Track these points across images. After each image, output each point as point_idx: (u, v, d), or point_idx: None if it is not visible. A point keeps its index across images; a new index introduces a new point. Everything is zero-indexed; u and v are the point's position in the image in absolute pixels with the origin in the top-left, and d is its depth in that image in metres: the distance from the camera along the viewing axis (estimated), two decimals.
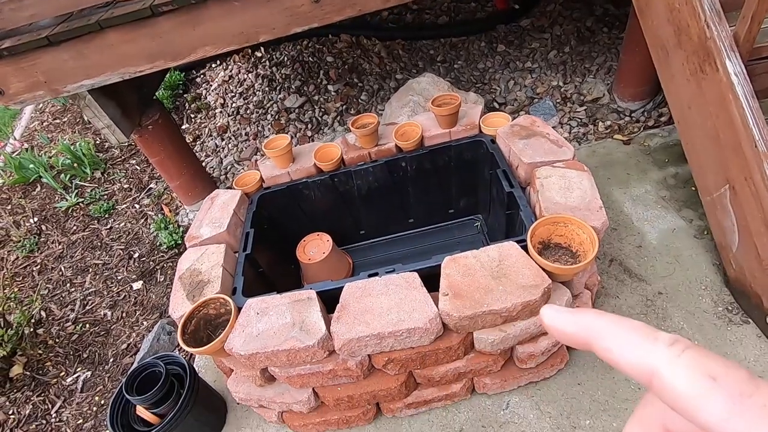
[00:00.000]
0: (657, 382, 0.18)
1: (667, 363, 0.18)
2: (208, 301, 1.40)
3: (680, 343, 0.19)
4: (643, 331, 0.20)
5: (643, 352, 0.19)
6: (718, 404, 0.17)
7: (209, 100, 3.55)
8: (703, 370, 0.18)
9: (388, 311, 1.24)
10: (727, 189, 1.46)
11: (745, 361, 1.39)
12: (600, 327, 0.21)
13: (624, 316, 0.20)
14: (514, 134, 1.66)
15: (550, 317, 0.23)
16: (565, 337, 0.23)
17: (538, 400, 1.42)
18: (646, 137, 2.22)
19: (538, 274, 1.21)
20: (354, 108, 3.03)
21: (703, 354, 0.18)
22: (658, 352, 0.19)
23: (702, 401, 0.17)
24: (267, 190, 1.86)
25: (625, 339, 0.20)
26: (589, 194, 1.39)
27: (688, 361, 0.18)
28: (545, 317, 0.23)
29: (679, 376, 0.18)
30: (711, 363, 0.18)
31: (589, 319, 0.21)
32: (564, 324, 0.22)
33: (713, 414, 0.17)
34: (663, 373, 0.18)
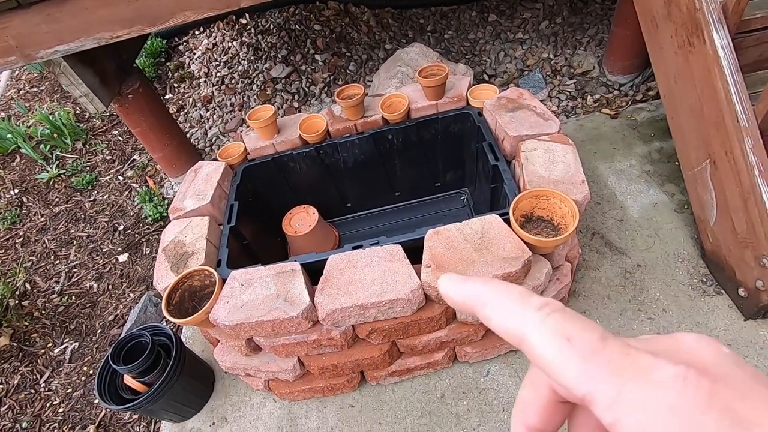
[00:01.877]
0: (525, 346, 0.19)
1: (533, 327, 0.19)
2: (192, 273, 1.40)
3: (548, 306, 0.19)
4: (517, 297, 0.20)
5: (515, 318, 0.19)
6: (572, 364, 0.17)
7: (193, 69, 3.45)
8: (562, 331, 0.18)
9: (371, 282, 1.25)
10: (708, 163, 1.48)
11: (716, 330, 1.44)
12: (482, 295, 0.21)
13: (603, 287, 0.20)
14: (501, 107, 1.64)
15: (444, 287, 0.23)
16: (455, 305, 0.23)
17: (517, 368, 1.47)
18: (634, 111, 2.22)
19: (519, 247, 1.23)
20: (342, 79, 2.97)
21: (565, 316, 0.19)
22: (527, 316, 0.19)
23: (558, 362, 0.18)
24: (252, 162, 1.83)
25: (501, 306, 0.20)
26: (573, 168, 1.40)
27: (551, 324, 0.19)
28: (440, 286, 0.23)
29: (541, 339, 0.18)
30: (569, 324, 0.18)
31: (474, 288, 0.22)
32: (454, 293, 0.23)
33: (568, 373, 0.17)
34: (528, 337, 0.19)
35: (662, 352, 0.17)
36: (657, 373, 0.16)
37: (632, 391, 0.16)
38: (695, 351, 0.18)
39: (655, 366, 0.16)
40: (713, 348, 0.18)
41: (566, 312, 0.19)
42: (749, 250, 1.37)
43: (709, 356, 0.17)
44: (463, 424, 1.38)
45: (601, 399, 0.17)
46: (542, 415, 0.22)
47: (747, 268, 1.39)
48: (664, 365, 0.16)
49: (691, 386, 0.16)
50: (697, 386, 0.16)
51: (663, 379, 0.16)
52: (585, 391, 0.17)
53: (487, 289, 0.21)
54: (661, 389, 0.16)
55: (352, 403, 1.50)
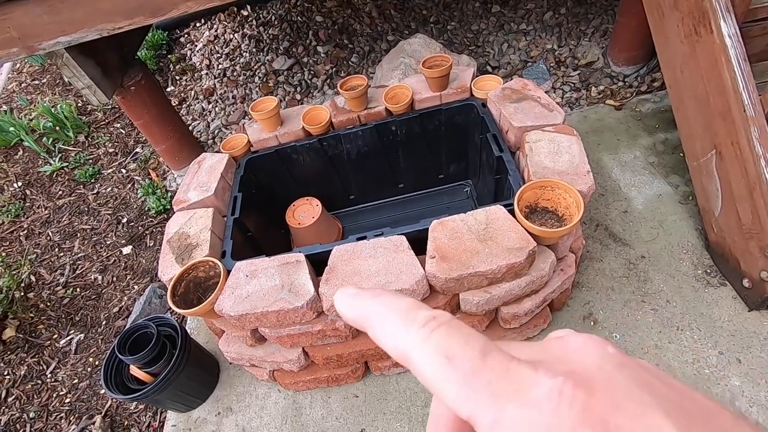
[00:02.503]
0: (410, 365, 0.18)
1: (416, 346, 0.18)
2: (197, 264, 1.40)
3: (434, 321, 0.18)
4: (403, 312, 0.19)
5: (400, 336, 0.18)
6: (452, 385, 0.17)
7: (194, 61, 3.44)
8: (443, 349, 0.17)
9: (375, 273, 1.25)
10: (713, 154, 1.47)
11: (719, 320, 1.44)
12: (371, 312, 0.20)
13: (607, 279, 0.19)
14: (505, 98, 1.63)
15: (338, 303, 0.22)
16: (349, 321, 0.22)
17: None
18: (638, 103, 2.21)
19: (524, 237, 1.23)
20: (344, 70, 2.96)
21: (450, 331, 0.18)
22: (411, 334, 0.18)
23: (439, 383, 0.17)
24: (255, 153, 1.83)
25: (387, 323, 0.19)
26: (578, 159, 1.39)
27: (433, 341, 0.18)
28: (336, 302, 0.22)
29: (423, 358, 0.17)
30: (452, 341, 0.17)
31: (364, 304, 0.21)
32: (347, 310, 0.21)
33: (450, 395, 0.17)
34: (412, 357, 0.18)
35: (545, 362, 0.17)
36: (534, 390, 0.16)
37: (510, 413, 0.16)
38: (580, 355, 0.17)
39: (533, 382, 0.16)
40: (597, 350, 0.17)
41: (451, 326, 0.18)
42: (754, 241, 1.36)
43: (592, 359, 0.17)
44: None
45: (482, 422, 0.16)
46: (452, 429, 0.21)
47: (752, 259, 1.39)
48: (541, 380, 0.16)
49: (565, 402, 0.15)
50: (572, 401, 0.15)
51: (539, 397, 0.16)
52: (467, 413, 0.16)
53: (375, 303, 0.20)
54: (537, 408, 0.15)
55: (357, 393, 1.51)
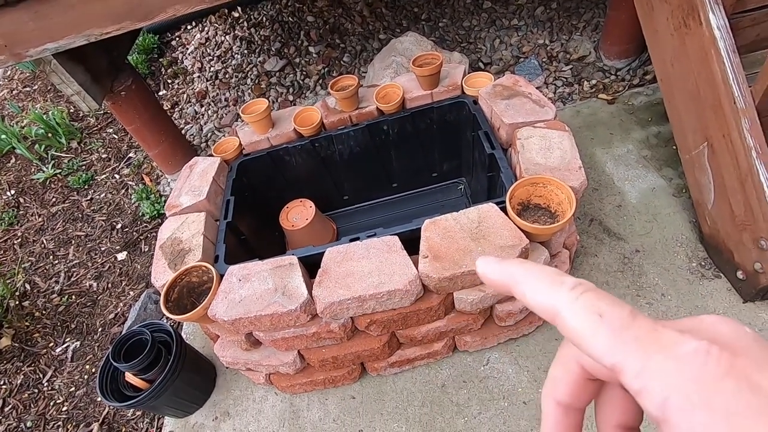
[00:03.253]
0: (559, 321, 0.21)
1: (566, 304, 0.20)
2: (190, 269, 1.40)
3: (581, 286, 0.21)
4: (552, 277, 0.22)
5: (549, 295, 0.21)
6: (601, 338, 0.19)
7: (186, 64, 3.42)
8: (593, 308, 0.20)
9: (369, 274, 1.25)
10: (705, 147, 1.47)
11: (714, 313, 1.44)
12: (518, 274, 0.23)
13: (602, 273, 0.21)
14: (497, 94, 1.63)
15: (481, 267, 0.25)
16: (492, 284, 0.25)
17: (517, 356, 1.47)
18: (631, 96, 2.21)
19: (516, 235, 1.22)
20: (336, 70, 2.95)
21: (597, 295, 0.20)
22: (561, 294, 0.21)
23: (590, 335, 0.19)
24: (247, 156, 1.82)
25: (536, 284, 0.22)
26: (569, 154, 1.39)
27: (583, 301, 0.20)
28: (478, 267, 0.25)
29: (574, 315, 0.20)
30: (600, 302, 0.20)
31: (510, 268, 0.23)
32: (491, 272, 0.24)
33: (598, 346, 0.19)
34: (563, 313, 0.20)
35: (687, 330, 0.19)
36: (681, 347, 0.18)
37: (658, 362, 0.17)
38: (717, 330, 0.19)
39: (680, 341, 0.18)
40: (734, 327, 0.19)
41: (598, 291, 0.21)
42: (747, 232, 1.36)
43: (731, 334, 0.19)
44: (464, 412, 1.39)
45: (629, 368, 0.18)
46: (571, 391, 0.23)
47: (745, 251, 1.39)
48: (688, 340, 0.18)
49: (712, 359, 0.17)
50: (719, 358, 0.17)
51: (687, 353, 0.17)
52: (614, 362, 0.18)
53: (522, 268, 0.23)
54: (685, 361, 0.17)
55: (354, 394, 1.51)
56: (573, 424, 0.24)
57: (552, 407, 0.24)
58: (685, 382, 0.17)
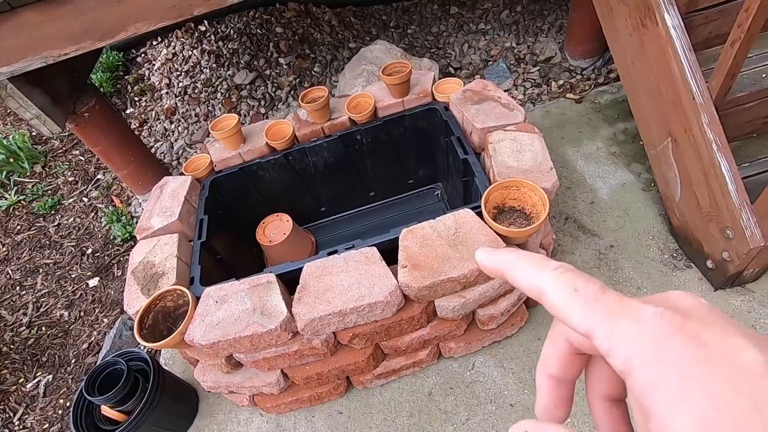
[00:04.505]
0: (543, 297, 0.23)
1: (549, 283, 0.23)
2: (164, 294, 1.35)
3: (562, 267, 0.24)
4: (538, 261, 0.25)
5: (536, 276, 0.24)
6: (577, 308, 0.22)
7: (153, 80, 3.35)
8: (570, 284, 0.22)
9: (348, 288, 1.24)
10: (669, 141, 1.52)
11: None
12: (509, 260, 0.26)
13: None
14: (467, 100, 1.65)
15: (479, 256, 0.28)
16: (488, 270, 0.28)
17: (502, 358, 1.48)
18: (597, 94, 2.26)
19: (493, 240, 1.23)
20: (308, 81, 2.93)
21: (574, 274, 0.23)
22: (545, 275, 0.24)
23: (567, 307, 0.22)
24: (219, 173, 1.79)
25: (524, 267, 0.25)
26: (540, 156, 1.41)
27: (563, 279, 0.23)
28: (477, 256, 0.28)
29: (555, 291, 0.23)
30: (577, 279, 0.23)
31: (503, 256, 0.27)
32: (488, 261, 0.27)
33: (574, 316, 0.22)
34: (546, 290, 0.23)
35: (649, 301, 0.21)
36: (643, 312, 0.20)
37: (622, 325, 0.20)
38: (678, 300, 0.22)
39: (642, 308, 0.20)
40: (693, 298, 0.22)
41: (576, 271, 0.23)
42: (714, 223, 1.40)
43: (688, 303, 0.21)
44: (452, 419, 1.38)
45: (599, 333, 0.21)
46: (561, 365, 0.26)
47: (713, 241, 1.43)
48: (648, 307, 0.20)
49: (666, 320, 0.20)
50: (671, 320, 0.20)
51: (647, 316, 0.20)
52: (587, 328, 0.21)
53: (513, 255, 0.26)
54: (644, 323, 0.20)
55: (341, 409, 1.48)
56: (564, 396, 0.27)
57: (544, 380, 0.27)
58: (643, 340, 0.19)
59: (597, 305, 0.21)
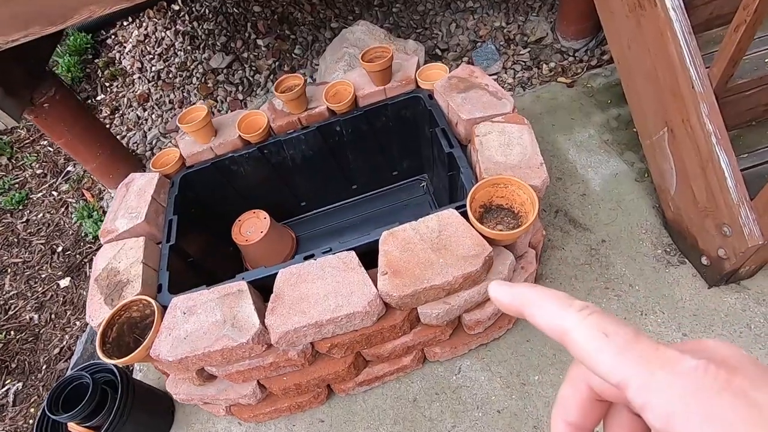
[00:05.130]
0: (568, 340, 0.22)
1: (574, 325, 0.21)
2: (128, 305, 1.26)
3: (588, 309, 0.22)
4: (561, 300, 0.23)
5: (559, 317, 0.22)
6: (607, 356, 0.20)
7: (125, 64, 3.16)
8: (600, 328, 0.21)
9: (325, 297, 1.16)
10: (665, 132, 1.43)
11: (681, 300, 1.43)
12: (529, 297, 0.24)
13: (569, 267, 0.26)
14: (452, 87, 1.54)
15: (493, 291, 0.27)
16: (503, 307, 0.26)
17: (489, 362, 1.42)
18: (590, 78, 2.16)
19: (479, 243, 1.15)
20: (288, 64, 2.78)
21: (603, 316, 0.21)
22: (569, 316, 0.22)
23: (596, 354, 0.20)
24: (190, 169, 1.67)
25: (546, 306, 0.23)
26: (530, 150, 1.32)
27: (590, 322, 0.21)
28: (490, 292, 0.27)
29: (582, 334, 0.21)
30: (606, 323, 0.21)
31: (521, 291, 0.25)
32: (503, 296, 0.26)
33: (604, 364, 0.20)
34: (571, 334, 0.21)
35: (688, 350, 0.20)
36: (682, 363, 0.19)
37: (660, 377, 0.19)
38: (717, 351, 0.20)
39: (681, 358, 0.19)
40: (733, 349, 0.20)
41: (603, 313, 0.22)
42: (710, 218, 1.34)
43: (729, 355, 0.20)
44: (438, 427, 1.33)
45: (633, 384, 0.19)
46: (580, 411, 0.24)
47: (709, 237, 1.37)
48: (688, 359, 0.19)
49: (710, 375, 0.18)
50: (716, 375, 0.18)
51: (687, 369, 0.18)
52: (619, 378, 0.20)
53: (532, 292, 0.24)
54: (686, 377, 0.18)
55: (322, 417, 1.43)
56: None
57: (561, 428, 0.25)
58: (685, 395, 0.18)
59: (630, 353, 0.20)
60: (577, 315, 0.22)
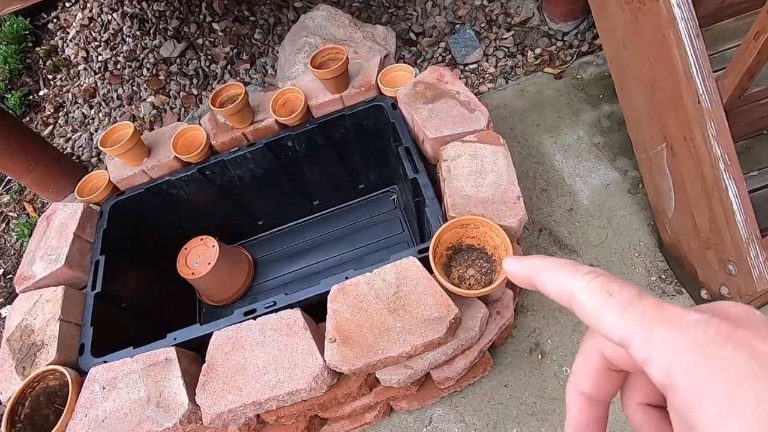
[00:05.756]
0: (575, 302, 0.22)
1: (581, 287, 0.22)
2: (42, 375, 1.09)
3: (594, 272, 0.23)
4: (568, 266, 0.24)
5: (566, 281, 0.23)
6: (611, 314, 0.20)
7: (68, 53, 2.85)
8: (604, 288, 0.21)
9: (264, 369, 0.99)
10: (664, 148, 1.23)
11: None
12: (538, 266, 0.25)
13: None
14: (418, 96, 1.32)
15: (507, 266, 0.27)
16: (515, 278, 0.27)
17: (463, 411, 1.28)
18: (579, 67, 1.93)
19: (443, 303, 0.97)
20: (246, 52, 2.50)
21: (608, 278, 0.22)
22: (576, 279, 0.23)
23: (601, 313, 0.21)
24: (122, 195, 1.46)
25: (554, 273, 0.24)
26: (505, 179, 1.12)
27: (595, 283, 0.22)
28: (504, 266, 0.27)
29: (587, 295, 0.22)
30: (611, 283, 0.21)
31: (531, 262, 0.26)
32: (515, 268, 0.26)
33: (608, 322, 0.20)
34: (577, 295, 0.22)
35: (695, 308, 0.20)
36: (684, 318, 0.19)
37: (661, 332, 0.19)
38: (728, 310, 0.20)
39: (683, 314, 0.19)
40: (746, 308, 0.20)
41: (609, 275, 0.22)
42: (713, 252, 1.16)
43: (740, 313, 0.19)
44: None
45: (635, 340, 0.19)
46: (594, 381, 0.24)
47: (710, 271, 1.20)
48: (691, 313, 0.19)
49: (713, 327, 0.18)
50: (719, 327, 0.18)
51: (688, 323, 0.18)
52: (621, 335, 0.20)
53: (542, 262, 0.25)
54: (686, 330, 0.18)
55: None
56: (597, 417, 0.25)
57: (575, 398, 0.25)
58: (685, 347, 0.18)
59: (633, 310, 0.20)
60: (584, 278, 0.22)
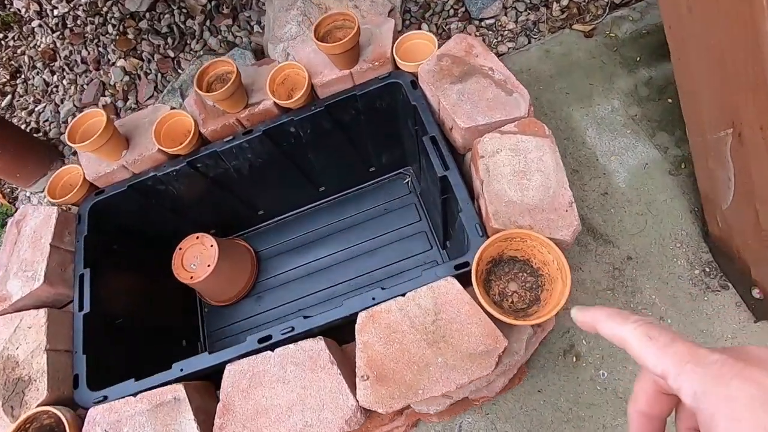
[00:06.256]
0: (626, 345, 0.28)
1: (630, 332, 0.28)
2: (36, 415, 0.97)
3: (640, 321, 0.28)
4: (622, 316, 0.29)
5: (619, 329, 0.29)
6: (651, 354, 0.26)
7: (17, 5, 2.47)
8: (647, 333, 0.27)
9: (288, 410, 0.88)
10: (729, 134, 1.07)
11: (722, 338, 1.20)
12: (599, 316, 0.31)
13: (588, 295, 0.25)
14: (444, 74, 1.12)
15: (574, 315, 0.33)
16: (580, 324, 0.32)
17: (494, 418, 1.22)
18: (613, 23, 1.70)
19: (490, 332, 0.86)
20: (227, 5, 2.17)
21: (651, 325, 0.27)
22: (626, 327, 0.28)
23: (645, 353, 0.27)
24: (101, 195, 1.27)
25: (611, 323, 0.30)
26: (554, 180, 0.97)
27: (641, 329, 0.27)
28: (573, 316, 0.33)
29: (634, 339, 0.27)
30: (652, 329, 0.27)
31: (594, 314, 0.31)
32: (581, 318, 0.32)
33: (650, 360, 0.26)
34: (627, 339, 0.28)
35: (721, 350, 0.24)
36: (707, 358, 0.24)
37: (689, 368, 0.24)
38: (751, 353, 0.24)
39: (707, 354, 0.24)
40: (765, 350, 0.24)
41: (653, 323, 0.28)
42: None
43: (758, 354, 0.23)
44: None
45: (671, 373, 0.25)
46: (648, 402, 0.30)
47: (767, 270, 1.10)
48: (715, 354, 0.23)
49: (728, 365, 0.23)
50: (733, 365, 0.22)
51: (710, 361, 0.23)
52: (661, 369, 0.25)
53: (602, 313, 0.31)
54: (707, 367, 0.23)
55: None
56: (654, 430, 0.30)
57: (635, 416, 0.30)
58: (706, 380, 0.23)
59: (668, 350, 0.25)
60: (632, 326, 0.28)
